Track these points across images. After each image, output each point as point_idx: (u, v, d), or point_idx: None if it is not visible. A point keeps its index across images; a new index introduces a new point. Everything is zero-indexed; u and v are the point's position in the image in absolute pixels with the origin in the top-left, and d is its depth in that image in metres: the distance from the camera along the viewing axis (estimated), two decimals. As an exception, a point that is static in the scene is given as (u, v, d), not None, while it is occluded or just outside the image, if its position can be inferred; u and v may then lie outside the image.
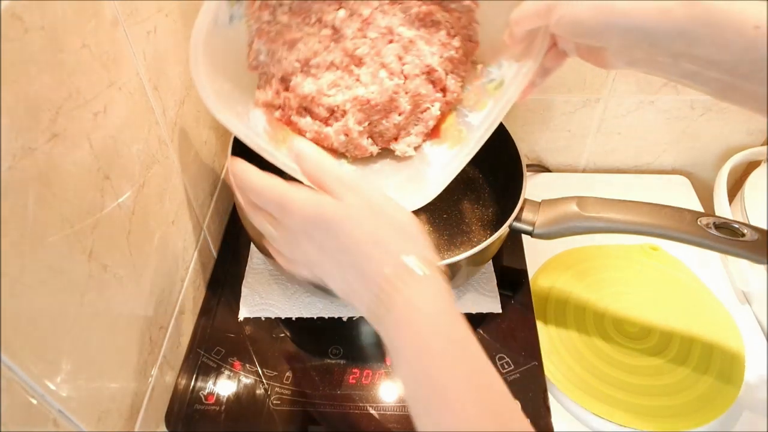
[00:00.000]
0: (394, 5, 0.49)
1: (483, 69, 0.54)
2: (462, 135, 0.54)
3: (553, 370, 0.59)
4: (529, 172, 0.86)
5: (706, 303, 0.66)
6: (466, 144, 0.52)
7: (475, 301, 0.61)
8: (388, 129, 0.54)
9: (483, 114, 0.52)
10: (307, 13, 0.48)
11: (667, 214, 0.54)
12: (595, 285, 0.68)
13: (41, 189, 0.33)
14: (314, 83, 0.50)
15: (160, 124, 0.49)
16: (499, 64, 0.52)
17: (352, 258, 0.33)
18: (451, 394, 0.30)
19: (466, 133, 0.53)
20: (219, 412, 0.53)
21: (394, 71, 0.51)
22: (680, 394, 0.58)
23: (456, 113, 0.56)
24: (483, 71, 0.54)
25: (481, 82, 0.54)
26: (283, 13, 0.47)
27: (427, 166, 0.55)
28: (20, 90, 0.31)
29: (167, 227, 0.52)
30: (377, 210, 0.34)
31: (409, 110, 0.53)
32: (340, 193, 0.34)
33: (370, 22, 0.49)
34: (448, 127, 0.55)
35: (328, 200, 0.34)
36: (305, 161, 0.37)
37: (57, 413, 0.36)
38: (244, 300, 0.61)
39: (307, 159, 0.37)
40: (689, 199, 0.81)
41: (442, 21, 0.51)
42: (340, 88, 0.51)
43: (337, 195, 0.34)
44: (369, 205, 0.34)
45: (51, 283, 0.34)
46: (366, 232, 0.33)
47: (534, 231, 0.58)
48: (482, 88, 0.54)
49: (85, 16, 0.36)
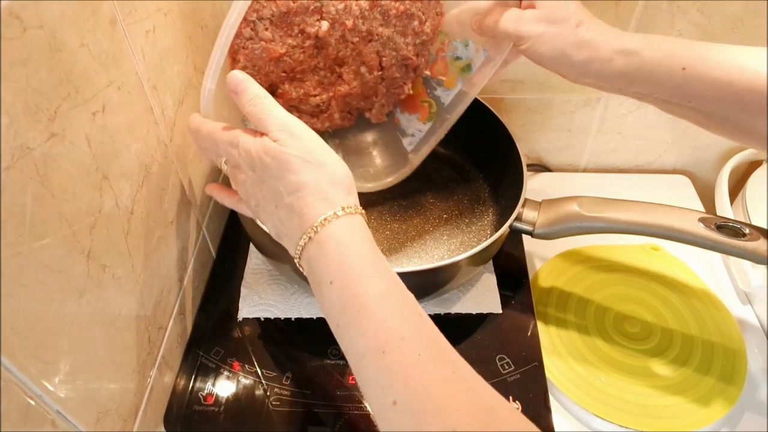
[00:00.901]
0: (374, 10, 0.50)
1: (449, 42, 0.58)
2: (432, 110, 0.60)
3: (553, 371, 0.59)
4: (530, 172, 0.86)
5: (707, 303, 0.66)
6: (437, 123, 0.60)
7: (476, 301, 0.61)
8: (363, 107, 0.59)
9: (452, 94, 0.58)
10: (289, 26, 0.48)
11: (668, 214, 0.54)
12: (595, 285, 0.68)
13: (39, 189, 0.33)
14: (301, 87, 0.53)
15: (159, 123, 0.49)
16: (465, 42, 0.57)
17: (292, 200, 0.37)
18: (373, 305, 0.34)
19: (435, 108, 0.60)
20: (218, 412, 0.53)
21: (374, 66, 0.54)
22: (681, 395, 0.58)
23: (424, 81, 0.61)
24: (449, 44, 0.58)
25: (447, 55, 0.59)
26: (264, 28, 0.47)
27: (401, 134, 0.63)
28: (19, 89, 0.30)
29: (166, 227, 0.52)
30: (317, 161, 0.37)
31: (385, 91, 0.58)
32: (284, 140, 0.37)
33: (351, 29, 0.49)
34: (416, 95, 0.61)
35: (273, 145, 0.37)
36: (247, 99, 0.39)
37: (55, 414, 0.36)
38: (244, 300, 0.61)
39: (249, 97, 0.39)
40: (690, 199, 0.81)
41: (416, 12, 0.53)
42: (324, 86, 0.54)
43: (281, 141, 0.37)
44: (309, 154, 0.37)
45: (49, 284, 0.34)
46: (307, 180, 0.36)
47: (534, 231, 0.58)
48: (449, 62, 0.59)
49: (84, 15, 0.36)
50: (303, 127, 0.39)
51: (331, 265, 0.35)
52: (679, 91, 0.43)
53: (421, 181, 0.71)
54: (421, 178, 0.72)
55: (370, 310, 0.34)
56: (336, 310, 0.35)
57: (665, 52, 0.42)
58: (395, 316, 0.34)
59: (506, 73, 0.74)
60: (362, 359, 0.33)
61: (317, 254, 0.36)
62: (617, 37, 0.44)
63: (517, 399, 0.53)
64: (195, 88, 0.57)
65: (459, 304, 0.60)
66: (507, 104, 0.78)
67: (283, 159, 0.37)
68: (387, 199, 0.69)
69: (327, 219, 0.36)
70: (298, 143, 0.37)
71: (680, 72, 0.42)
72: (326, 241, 0.36)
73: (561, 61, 0.46)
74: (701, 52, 0.42)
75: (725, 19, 0.67)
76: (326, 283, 0.35)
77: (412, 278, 0.53)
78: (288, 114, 0.39)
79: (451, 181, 0.72)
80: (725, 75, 0.41)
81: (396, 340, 0.33)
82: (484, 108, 0.67)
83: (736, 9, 0.66)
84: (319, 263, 0.36)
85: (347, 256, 0.35)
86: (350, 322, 0.34)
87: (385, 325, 0.33)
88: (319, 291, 0.36)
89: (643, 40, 0.44)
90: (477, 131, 0.69)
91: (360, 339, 0.33)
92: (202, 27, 0.58)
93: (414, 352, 0.32)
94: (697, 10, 0.67)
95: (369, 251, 0.36)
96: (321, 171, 0.37)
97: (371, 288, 0.35)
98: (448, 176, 0.72)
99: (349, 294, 0.35)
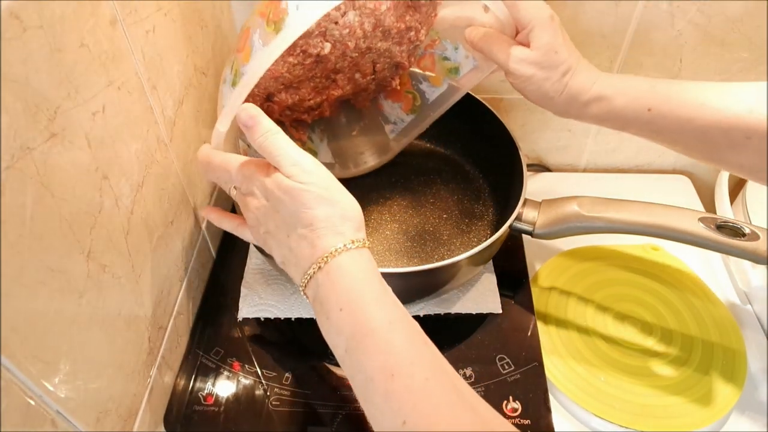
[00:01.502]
0: (376, 30, 0.50)
1: (439, 41, 0.59)
2: (416, 102, 0.62)
3: (553, 371, 0.59)
4: (530, 172, 0.86)
5: (707, 303, 0.66)
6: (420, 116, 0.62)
7: (476, 301, 0.61)
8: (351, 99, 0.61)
9: (437, 92, 0.60)
10: (292, 47, 0.48)
11: (668, 214, 0.54)
12: (595, 285, 0.68)
13: (39, 189, 0.33)
14: (296, 94, 0.54)
15: (159, 123, 0.49)
16: (456, 45, 0.58)
17: (305, 232, 0.38)
18: (382, 330, 0.35)
19: (420, 102, 0.61)
20: (218, 412, 0.53)
21: (368, 73, 0.55)
22: (681, 395, 0.58)
23: (410, 73, 0.62)
24: (439, 42, 0.59)
25: (436, 53, 0.60)
26: None
27: (384, 120, 0.65)
28: (18, 89, 0.30)
29: (166, 227, 0.52)
30: (331, 198, 0.39)
31: (374, 88, 0.59)
32: (297, 175, 0.38)
33: (353, 48, 0.50)
34: (401, 84, 0.63)
35: (287, 181, 0.38)
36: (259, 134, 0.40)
37: (55, 414, 0.36)
38: (243, 300, 0.61)
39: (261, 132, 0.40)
40: (690, 199, 0.81)
41: (414, 24, 0.54)
42: (318, 90, 0.55)
43: (295, 177, 0.38)
44: (325, 191, 0.39)
45: (49, 284, 0.34)
46: (320, 215, 0.38)
47: (534, 231, 0.58)
48: (437, 60, 0.60)
49: (84, 15, 0.36)
50: (315, 163, 0.40)
51: (341, 293, 0.37)
52: (647, 128, 0.48)
53: (421, 181, 0.71)
54: (421, 178, 0.72)
55: (380, 336, 0.35)
56: (345, 336, 0.36)
57: (633, 96, 0.47)
58: (404, 342, 0.35)
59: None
60: (370, 383, 0.34)
61: (326, 283, 0.38)
62: (595, 82, 0.49)
63: (517, 399, 0.53)
64: (195, 88, 0.57)
65: (459, 304, 0.60)
66: (507, 104, 0.78)
67: (296, 195, 0.38)
68: (387, 199, 0.69)
69: (338, 250, 0.37)
70: (311, 179, 0.39)
71: (646, 113, 0.47)
72: (336, 271, 0.37)
73: (544, 101, 0.50)
74: (666, 93, 0.46)
75: (725, 19, 0.67)
76: (335, 310, 0.37)
77: (412, 278, 0.53)
78: (299, 150, 0.40)
79: (451, 181, 0.72)
80: (686, 113, 0.45)
81: (405, 364, 0.34)
82: (484, 108, 0.67)
83: (736, 9, 0.66)
84: (328, 291, 0.37)
85: (357, 285, 0.37)
86: (359, 347, 0.35)
87: (395, 350, 0.35)
88: (326, 318, 0.37)
89: (617, 85, 0.48)
90: (477, 131, 0.69)
91: (369, 363, 0.35)
92: (202, 27, 0.58)
93: (422, 377, 0.34)
94: (697, 10, 0.67)
95: (376, 281, 0.38)
96: (334, 207, 0.39)
97: (380, 315, 0.36)
98: (448, 176, 0.72)
99: (359, 320, 0.36)
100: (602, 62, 0.73)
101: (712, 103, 0.44)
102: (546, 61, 0.47)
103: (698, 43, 0.70)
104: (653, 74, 0.74)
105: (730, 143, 0.44)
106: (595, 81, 0.49)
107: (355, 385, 0.36)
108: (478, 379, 0.55)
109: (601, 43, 0.70)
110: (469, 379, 0.55)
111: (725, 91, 0.45)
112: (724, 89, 0.45)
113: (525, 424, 0.52)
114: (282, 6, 0.39)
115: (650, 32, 0.69)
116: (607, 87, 0.48)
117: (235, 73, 0.42)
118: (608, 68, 0.73)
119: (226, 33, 0.66)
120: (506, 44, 0.49)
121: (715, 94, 0.45)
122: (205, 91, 0.60)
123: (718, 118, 0.44)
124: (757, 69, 0.72)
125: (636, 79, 0.49)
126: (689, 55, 0.71)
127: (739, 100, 0.44)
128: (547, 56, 0.47)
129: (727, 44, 0.70)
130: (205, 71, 0.60)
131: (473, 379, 0.55)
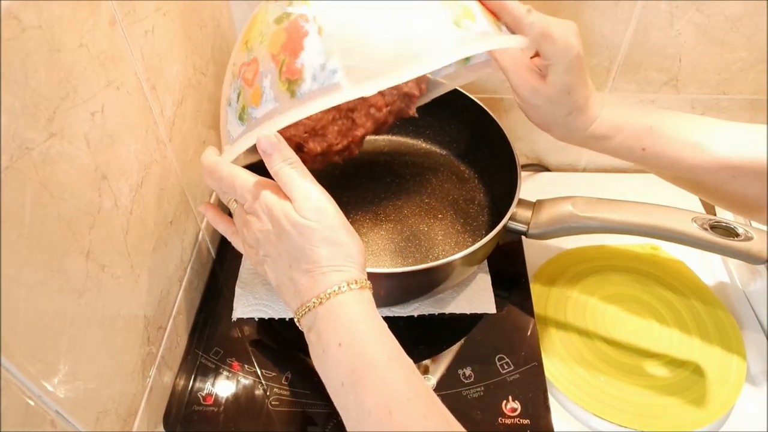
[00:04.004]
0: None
1: None
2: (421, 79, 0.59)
3: (553, 371, 0.59)
4: (529, 172, 0.86)
5: (706, 303, 0.66)
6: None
7: (470, 301, 0.61)
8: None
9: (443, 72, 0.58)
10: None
11: (662, 214, 0.54)
12: (595, 285, 0.68)
13: (39, 189, 0.33)
14: (324, 141, 0.54)
15: (158, 123, 0.49)
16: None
17: (309, 267, 0.38)
18: (381, 366, 0.36)
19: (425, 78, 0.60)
20: (217, 412, 0.53)
21: (381, 106, 0.55)
22: (680, 395, 0.58)
23: None
24: None
25: None
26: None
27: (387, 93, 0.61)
28: (18, 89, 0.30)
29: (165, 227, 0.52)
30: (337, 240, 0.39)
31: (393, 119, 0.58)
32: (308, 213, 0.38)
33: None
34: None
35: (297, 217, 0.38)
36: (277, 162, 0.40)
37: (54, 414, 0.36)
38: (238, 300, 0.61)
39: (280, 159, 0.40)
40: (690, 199, 0.81)
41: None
42: (343, 132, 0.55)
43: (305, 213, 0.38)
44: (332, 233, 0.39)
45: (49, 284, 0.34)
46: (326, 254, 0.38)
47: (528, 231, 0.58)
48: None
49: (83, 15, 0.36)
50: (326, 201, 0.39)
51: (341, 328, 0.37)
52: (639, 162, 0.50)
53: (416, 181, 0.71)
54: (416, 178, 0.72)
55: (379, 372, 0.36)
56: (343, 371, 0.36)
57: (630, 135, 0.48)
58: (402, 379, 0.36)
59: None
60: (367, 418, 0.35)
61: (326, 317, 0.38)
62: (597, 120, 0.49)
63: (516, 399, 0.53)
64: (194, 88, 0.57)
65: (453, 304, 0.61)
66: (506, 104, 0.78)
67: (304, 232, 0.38)
68: (382, 199, 0.69)
69: (340, 288, 0.38)
70: (321, 218, 0.38)
71: (640, 151, 0.49)
72: (337, 308, 0.38)
73: (543, 127, 0.51)
74: (661, 133, 0.48)
75: (725, 19, 0.67)
76: (334, 345, 0.37)
77: (406, 278, 0.53)
78: (315, 185, 0.40)
79: (446, 181, 0.72)
80: (677, 154, 0.47)
81: (403, 401, 0.35)
82: (480, 108, 0.67)
83: (736, 9, 0.66)
84: (328, 325, 0.38)
85: (357, 322, 0.37)
86: (358, 382, 0.36)
87: (393, 387, 0.35)
88: (323, 351, 0.38)
89: (617, 123, 0.49)
90: (472, 131, 0.69)
91: (367, 398, 0.35)
92: (201, 27, 0.58)
93: (419, 413, 0.35)
94: (696, 10, 0.67)
95: (376, 320, 0.39)
96: (339, 248, 0.39)
97: (379, 351, 0.37)
98: (444, 176, 0.72)
99: (358, 357, 0.36)
100: (602, 62, 0.73)
101: (702, 145, 0.47)
102: (557, 99, 0.47)
103: (697, 43, 0.70)
104: (653, 74, 0.74)
105: (716, 181, 0.47)
106: (597, 118, 0.49)
107: (347, 417, 0.36)
108: (478, 379, 0.55)
109: (600, 42, 0.71)
110: (469, 379, 0.55)
111: (716, 134, 0.47)
112: (715, 131, 0.47)
113: (524, 424, 0.52)
114: (297, 66, 0.37)
115: (649, 32, 0.69)
116: (608, 127, 0.49)
117: (242, 107, 0.41)
118: (608, 68, 0.73)
119: (226, 33, 0.66)
120: (522, 68, 0.47)
121: (706, 137, 0.47)
122: (205, 91, 0.60)
123: (707, 160, 0.47)
124: (756, 68, 0.72)
125: (637, 113, 0.49)
126: (688, 54, 0.71)
127: (727, 144, 0.46)
128: (559, 95, 0.47)
129: (727, 44, 0.70)
130: (205, 71, 0.60)
131: (473, 378, 0.55)
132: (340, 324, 0.37)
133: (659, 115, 0.49)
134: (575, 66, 0.45)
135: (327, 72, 0.37)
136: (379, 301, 0.41)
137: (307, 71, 0.37)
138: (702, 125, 0.48)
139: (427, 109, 0.62)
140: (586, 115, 0.48)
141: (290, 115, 0.38)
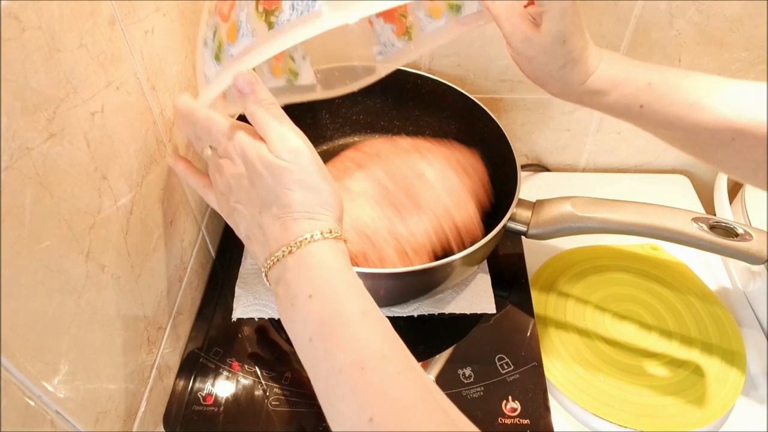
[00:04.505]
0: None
1: None
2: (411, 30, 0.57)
3: (552, 371, 0.59)
4: (529, 172, 0.86)
5: (706, 303, 0.66)
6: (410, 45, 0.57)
7: (470, 301, 0.61)
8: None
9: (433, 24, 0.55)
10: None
11: (661, 215, 0.54)
12: (595, 285, 0.68)
13: (38, 189, 0.33)
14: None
15: (158, 123, 0.49)
16: None
17: (280, 212, 0.37)
18: (354, 321, 0.34)
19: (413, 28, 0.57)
20: (217, 413, 0.53)
21: None
22: (680, 395, 0.58)
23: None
24: None
25: None
26: None
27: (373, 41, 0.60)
28: (17, 89, 0.30)
29: (165, 228, 0.52)
30: (313, 185, 0.37)
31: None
32: (283, 154, 0.37)
33: None
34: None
35: (270, 157, 0.37)
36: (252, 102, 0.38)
37: (54, 414, 0.36)
38: (238, 300, 0.61)
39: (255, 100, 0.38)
40: (690, 199, 0.81)
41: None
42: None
43: (279, 154, 0.37)
44: (308, 176, 0.37)
45: (49, 284, 0.34)
46: (299, 199, 0.36)
47: (528, 231, 0.58)
48: None
49: (83, 15, 0.36)
50: (303, 143, 0.38)
51: (312, 279, 0.35)
52: (637, 121, 0.48)
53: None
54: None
55: (352, 327, 0.34)
56: (312, 324, 0.35)
57: (628, 92, 0.46)
58: (376, 335, 0.34)
59: (506, 72, 0.74)
60: (338, 374, 0.33)
61: (297, 268, 0.36)
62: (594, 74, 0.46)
63: (516, 399, 0.53)
64: (194, 89, 0.57)
65: (453, 304, 0.61)
66: (506, 104, 0.79)
67: (278, 173, 0.37)
68: (386, 199, 0.69)
69: (313, 237, 0.36)
70: (295, 160, 0.37)
71: (638, 108, 0.46)
72: (309, 257, 0.36)
73: (538, 82, 0.48)
74: (661, 91, 0.45)
75: (724, 19, 0.67)
76: (304, 296, 0.35)
77: (406, 278, 0.53)
78: (292, 127, 0.38)
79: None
80: (676, 112, 0.45)
81: (377, 357, 0.33)
82: (479, 108, 0.67)
83: (736, 9, 0.66)
84: (298, 276, 0.36)
85: (330, 274, 0.35)
86: (329, 337, 0.34)
87: (367, 343, 0.33)
88: (291, 304, 0.36)
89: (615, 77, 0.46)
90: (472, 131, 0.69)
91: (338, 353, 0.33)
92: (201, 27, 0.58)
93: (394, 371, 0.33)
94: (696, 10, 0.67)
95: (350, 274, 0.36)
96: (315, 193, 0.37)
97: (353, 305, 0.35)
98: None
99: (330, 309, 0.34)
100: (601, 62, 0.73)
101: (702, 104, 0.45)
102: (551, 49, 0.45)
103: (697, 43, 0.70)
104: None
105: (715, 143, 0.45)
106: (594, 72, 0.47)
107: (316, 376, 0.34)
108: (478, 379, 0.55)
109: (600, 42, 0.70)
110: (468, 379, 0.55)
111: (717, 92, 0.45)
112: (716, 90, 0.45)
113: (524, 424, 0.52)
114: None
115: (649, 32, 0.69)
116: (605, 81, 0.46)
117: (218, 45, 0.39)
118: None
119: (226, 33, 0.66)
120: (516, 15, 0.45)
121: (707, 95, 0.45)
122: (205, 92, 0.60)
123: (706, 120, 0.44)
124: (756, 69, 0.72)
125: (637, 69, 0.47)
126: (688, 54, 0.71)
127: (727, 103, 0.44)
128: (553, 45, 0.44)
129: (726, 44, 0.70)
130: (205, 71, 0.60)
131: (472, 378, 0.55)
132: (311, 274, 0.35)
133: (660, 72, 0.47)
134: (570, 11, 0.43)
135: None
136: (379, 301, 0.41)
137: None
138: (704, 83, 0.46)
139: (427, 109, 0.62)
140: (583, 67, 0.46)
141: (268, 48, 0.36)
